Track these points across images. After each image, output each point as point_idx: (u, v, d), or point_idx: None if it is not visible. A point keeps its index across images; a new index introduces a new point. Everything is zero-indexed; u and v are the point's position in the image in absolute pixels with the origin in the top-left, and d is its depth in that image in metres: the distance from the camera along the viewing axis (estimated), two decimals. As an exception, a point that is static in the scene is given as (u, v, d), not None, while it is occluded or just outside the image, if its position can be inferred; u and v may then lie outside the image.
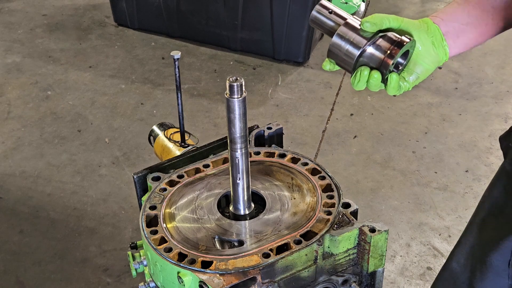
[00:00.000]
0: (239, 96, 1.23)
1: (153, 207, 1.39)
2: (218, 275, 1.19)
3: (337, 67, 1.30)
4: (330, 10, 1.31)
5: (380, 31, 1.27)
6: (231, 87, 1.22)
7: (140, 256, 1.42)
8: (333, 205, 1.35)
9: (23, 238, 3.10)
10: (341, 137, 3.80)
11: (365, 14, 5.16)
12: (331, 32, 1.30)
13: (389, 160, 3.61)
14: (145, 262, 1.39)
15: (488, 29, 1.35)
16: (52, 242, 3.08)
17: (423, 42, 1.29)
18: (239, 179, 1.33)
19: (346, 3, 5.00)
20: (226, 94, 1.24)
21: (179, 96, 1.81)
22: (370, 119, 3.95)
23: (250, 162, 1.37)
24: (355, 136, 3.81)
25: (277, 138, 1.63)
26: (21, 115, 4.02)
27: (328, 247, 1.26)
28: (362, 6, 5.06)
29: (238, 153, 1.30)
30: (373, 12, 5.68)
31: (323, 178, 1.43)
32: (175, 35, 4.83)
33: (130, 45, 4.79)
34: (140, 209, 1.41)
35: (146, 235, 1.31)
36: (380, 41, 1.25)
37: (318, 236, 1.26)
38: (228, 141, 1.30)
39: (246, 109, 1.26)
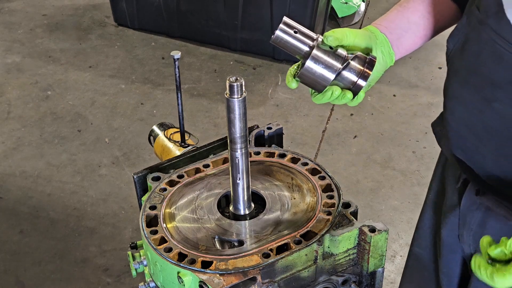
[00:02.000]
0: (239, 96, 1.23)
1: (153, 207, 1.39)
2: (218, 275, 1.19)
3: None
4: (296, 30, 1.27)
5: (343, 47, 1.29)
6: (231, 87, 1.22)
7: (140, 256, 1.42)
8: (333, 205, 1.35)
9: (23, 238, 3.10)
10: (341, 137, 3.80)
11: (365, 14, 5.16)
12: (297, 52, 1.27)
13: (389, 160, 3.61)
14: (145, 262, 1.39)
15: (425, 33, 1.45)
16: (52, 242, 3.08)
17: (375, 53, 1.36)
18: (239, 179, 1.33)
19: (346, 3, 5.00)
20: (226, 94, 1.24)
21: (179, 96, 1.81)
22: (370, 119, 3.95)
23: (250, 162, 1.36)
24: (355, 136, 3.81)
25: (277, 138, 1.63)
26: (21, 115, 4.02)
27: (328, 247, 1.26)
28: (362, 6, 5.06)
29: (238, 153, 1.30)
30: (374, 12, 5.68)
31: (323, 178, 1.43)
32: (175, 35, 4.82)
33: (130, 45, 4.79)
34: (140, 209, 1.41)
35: (146, 235, 1.31)
36: (352, 64, 1.26)
37: (318, 236, 1.26)
38: (228, 141, 1.30)
39: (246, 109, 1.26)
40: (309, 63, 1.25)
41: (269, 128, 1.61)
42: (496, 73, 1.21)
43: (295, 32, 1.27)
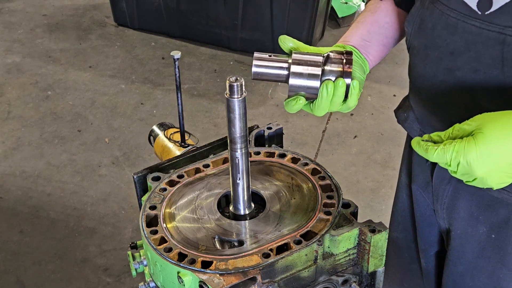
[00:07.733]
0: (239, 96, 1.23)
1: (153, 207, 1.39)
2: (218, 275, 1.19)
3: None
4: (269, 54, 1.26)
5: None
6: (231, 87, 1.22)
7: (140, 256, 1.42)
8: (333, 205, 1.35)
9: (23, 238, 3.10)
10: (341, 137, 3.80)
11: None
12: (279, 77, 1.25)
13: (389, 160, 3.60)
14: (145, 262, 1.39)
15: (388, 41, 1.55)
16: (52, 242, 3.08)
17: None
18: (239, 179, 1.32)
19: (346, 3, 5.00)
20: (226, 94, 1.24)
21: (179, 96, 1.81)
22: (370, 119, 3.95)
23: (250, 162, 1.36)
24: (355, 136, 3.81)
25: (277, 138, 1.63)
26: (21, 115, 4.02)
27: (328, 247, 1.26)
28: (362, 6, 5.06)
29: (238, 153, 1.30)
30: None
31: (323, 178, 1.43)
32: (175, 35, 4.83)
33: (130, 45, 4.79)
34: (140, 209, 1.41)
35: (146, 235, 1.30)
36: (331, 60, 1.24)
37: (318, 236, 1.26)
38: (228, 141, 1.30)
39: (246, 109, 1.26)
40: (292, 80, 1.24)
41: (269, 128, 1.61)
42: (452, 42, 1.30)
43: (269, 56, 1.26)
